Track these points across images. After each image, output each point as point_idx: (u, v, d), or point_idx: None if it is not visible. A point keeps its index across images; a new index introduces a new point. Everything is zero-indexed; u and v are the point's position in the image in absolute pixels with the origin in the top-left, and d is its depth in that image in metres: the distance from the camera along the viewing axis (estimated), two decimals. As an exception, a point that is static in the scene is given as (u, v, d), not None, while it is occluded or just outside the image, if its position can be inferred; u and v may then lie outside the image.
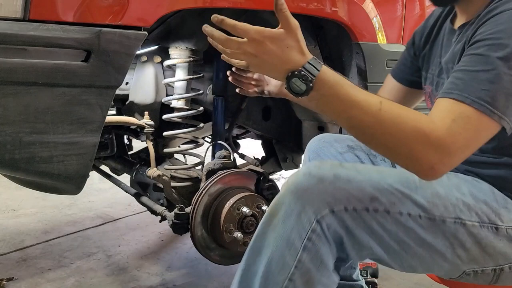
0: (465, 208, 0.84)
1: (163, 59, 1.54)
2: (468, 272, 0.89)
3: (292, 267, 0.81)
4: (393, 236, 0.83)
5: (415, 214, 0.83)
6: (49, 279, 1.75)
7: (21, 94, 0.95)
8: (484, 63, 0.77)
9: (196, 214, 1.35)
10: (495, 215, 0.86)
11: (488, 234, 0.85)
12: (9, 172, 1.09)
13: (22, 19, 0.93)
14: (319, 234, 0.80)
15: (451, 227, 0.83)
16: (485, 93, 0.75)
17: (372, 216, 0.81)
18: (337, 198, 0.80)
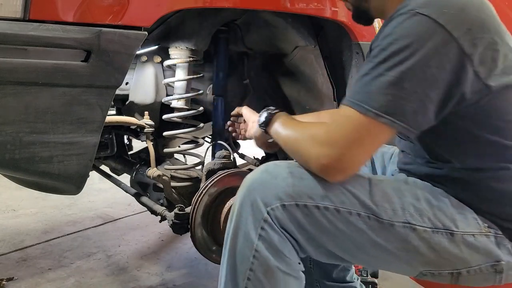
0: (416, 213, 0.86)
1: (163, 59, 1.54)
2: (424, 273, 0.90)
3: (251, 257, 0.85)
4: (345, 235, 0.85)
5: (364, 215, 0.85)
6: (49, 279, 1.75)
7: (21, 94, 0.95)
8: (367, 68, 0.83)
9: (196, 214, 1.35)
10: (450, 221, 0.87)
11: (442, 240, 0.86)
12: (9, 172, 1.09)
13: (22, 19, 0.93)
14: (271, 224, 0.84)
15: (400, 231, 0.85)
16: (362, 94, 0.82)
17: (322, 214, 0.84)
18: (288, 193, 0.83)
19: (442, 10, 0.80)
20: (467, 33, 0.80)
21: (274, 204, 0.84)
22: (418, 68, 0.79)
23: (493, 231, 0.89)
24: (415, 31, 0.80)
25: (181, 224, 1.38)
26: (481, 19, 0.83)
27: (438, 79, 0.80)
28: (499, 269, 0.89)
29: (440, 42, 0.79)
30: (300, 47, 1.65)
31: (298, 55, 1.68)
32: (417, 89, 0.80)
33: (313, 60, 1.65)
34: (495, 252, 0.88)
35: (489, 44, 0.82)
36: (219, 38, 1.56)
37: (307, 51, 1.66)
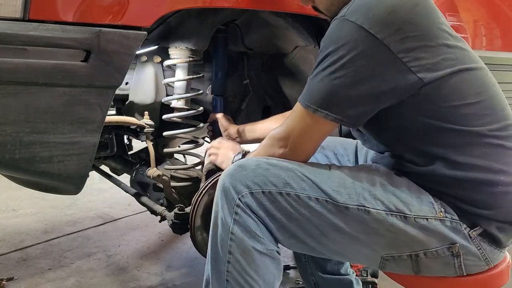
0: (370, 197, 0.93)
1: (163, 59, 1.54)
2: (386, 258, 0.96)
3: (228, 241, 0.95)
4: (308, 219, 0.94)
5: (322, 199, 0.93)
6: (49, 279, 1.75)
7: (21, 94, 0.95)
8: (312, 69, 0.95)
9: (196, 214, 1.35)
10: (403, 205, 0.93)
11: (397, 222, 0.92)
12: (9, 172, 1.09)
13: (22, 19, 0.93)
14: (243, 208, 0.94)
15: (355, 214, 0.92)
16: (305, 92, 0.95)
17: (285, 199, 0.93)
18: (255, 182, 0.94)
19: (368, 16, 0.88)
20: (394, 34, 0.87)
21: (244, 191, 0.94)
22: (347, 69, 0.88)
23: (450, 216, 0.94)
24: (343, 36, 0.89)
25: (181, 224, 1.38)
26: (411, 19, 0.88)
27: (368, 78, 0.89)
28: (455, 251, 0.93)
29: (366, 46, 0.87)
30: (300, 47, 1.65)
31: (298, 55, 1.68)
32: (348, 87, 0.90)
33: (313, 60, 1.65)
34: (449, 235, 0.93)
35: (420, 41, 0.88)
36: (218, 37, 1.56)
37: (307, 51, 1.66)
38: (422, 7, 0.91)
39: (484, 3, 1.94)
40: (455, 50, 0.93)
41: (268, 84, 1.84)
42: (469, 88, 0.93)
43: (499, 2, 1.99)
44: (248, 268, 0.95)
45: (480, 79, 0.95)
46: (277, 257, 0.98)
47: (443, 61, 0.90)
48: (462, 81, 0.92)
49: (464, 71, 0.93)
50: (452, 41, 0.93)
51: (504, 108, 0.97)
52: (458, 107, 0.92)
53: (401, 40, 0.87)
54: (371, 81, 0.89)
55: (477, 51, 1.89)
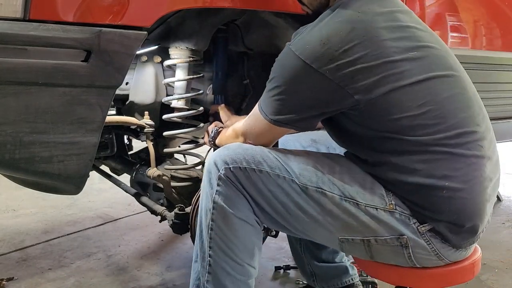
0: (328, 182, 1.02)
1: (163, 59, 1.54)
2: (342, 240, 1.04)
3: (211, 209, 1.04)
4: (276, 196, 1.03)
5: (288, 178, 1.03)
6: (49, 279, 1.75)
7: (21, 94, 0.95)
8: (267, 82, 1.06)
9: (196, 214, 1.35)
10: (356, 193, 1.01)
11: (350, 207, 1.00)
12: (9, 172, 1.09)
13: (22, 19, 0.93)
14: (224, 180, 1.03)
15: (314, 195, 1.01)
16: (262, 100, 1.07)
17: (258, 176, 1.03)
18: (234, 159, 1.04)
19: (305, 47, 0.96)
20: (329, 63, 0.94)
21: (224, 166, 1.04)
22: (290, 94, 1.00)
23: (400, 209, 1.00)
24: (285, 65, 1.00)
25: (181, 224, 1.38)
26: (344, 46, 0.94)
27: (308, 102, 1.00)
28: (404, 242, 1.00)
29: (304, 74, 0.97)
30: (300, 47, 1.65)
31: (298, 55, 1.68)
32: (293, 108, 1.01)
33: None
34: (397, 227, 0.99)
35: (355, 65, 0.94)
36: (218, 37, 1.56)
37: (307, 51, 1.65)
38: (359, 30, 0.95)
39: (484, 3, 1.94)
40: (403, 63, 0.96)
41: (268, 84, 1.83)
42: (410, 101, 0.96)
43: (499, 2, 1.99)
44: (229, 234, 1.04)
45: (427, 89, 0.97)
46: (256, 226, 1.07)
47: (384, 78, 0.95)
48: (403, 95, 0.96)
49: (407, 86, 0.96)
50: (401, 55, 0.96)
51: (457, 115, 0.99)
52: (399, 119, 0.96)
53: (335, 68, 0.94)
54: (311, 105, 1.01)
55: (477, 51, 1.90)
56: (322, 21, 0.99)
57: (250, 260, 1.07)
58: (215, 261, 1.05)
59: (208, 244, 1.05)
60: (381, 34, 0.96)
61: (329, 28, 0.97)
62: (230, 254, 1.05)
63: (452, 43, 1.78)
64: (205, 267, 1.07)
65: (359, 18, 0.97)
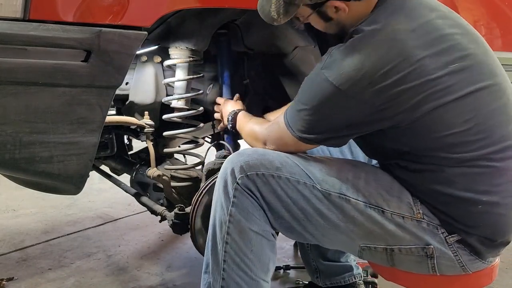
0: (352, 188, 0.99)
1: (163, 59, 1.54)
2: (363, 247, 1.02)
3: (227, 222, 1.01)
4: (295, 202, 1.00)
5: (309, 184, 1.00)
6: (49, 279, 1.75)
7: (21, 94, 0.95)
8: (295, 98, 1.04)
9: (196, 214, 1.35)
10: (382, 200, 0.98)
11: (375, 214, 0.97)
12: (9, 172, 1.09)
13: (22, 19, 0.93)
14: (241, 191, 1.01)
15: (336, 201, 0.99)
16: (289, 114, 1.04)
17: (276, 181, 1.00)
18: (251, 165, 1.01)
19: (339, 73, 0.92)
20: (367, 87, 0.90)
21: (241, 174, 1.01)
22: (322, 117, 0.97)
23: (427, 219, 0.97)
24: (318, 90, 0.96)
25: (181, 224, 1.38)
26: (383, 69, 0.90)
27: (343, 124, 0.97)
28: (430, 253, 0.97)
29: (339, 100, 0.94)
30: (300, 47, 1.65)
31: (298, 55, 1.68)
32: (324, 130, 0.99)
33: (313, 60, 1.65)
34: (424, 237, 0.97)
35: (395, 87, 0.90)
36: (221, 40, 1.56)
37: (307, 51, 1.65)
38: (395, 51, 0.90)
39: (484, 3, 1.94)
40: (445, 78, 0.91)
41: (268, 84, 1.84)
42: (455, 117, 0.92)
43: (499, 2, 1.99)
44: (245, 248, 1.01)
45: (472, 103, 0.93)
46: (272, 239, 1.05)
47: (427, 97, 0.90)
48: (448, 112, 0.91)
49: (451, 102, 0.91)
50: (441, 71, 0.91)
51: (503, 128, 0.94)
52: (443, 137, 0.92)
53: (376, 91, 0.90)
54: (346, 127, 0.97)
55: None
56: (355, 45, 0.93)
57: (265, 275, 1.05)
58: (229, 275, 1.02)
59: (223, 258, 1.02)
60: (417, 54, 0.91)
61: (364, 52, 0.91)
62: (244, 268, 1.02)
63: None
64: (218, 281, 1.04)
65: (392, 38, 0.92)
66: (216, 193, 1.05)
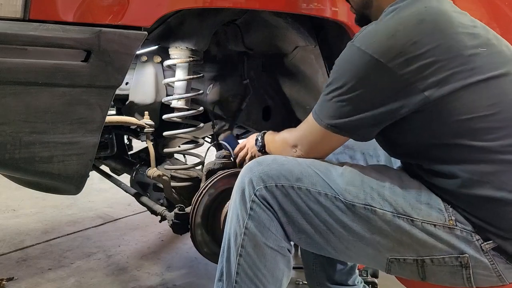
0: (378, 198, 0.94)
1: (163, 59, 1.54)
2: (391, 260, 0.96)
3: (242, 235, 0.98)
4: (317, 214, 0.96)
5: (331, 195, 0.96)
6: (49, 279, 1.75)
7: (21, 94, 0.95)
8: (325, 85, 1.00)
9: (196, 214, 1.35)
10: (411, 208, 0.93)
11: (403, 224, 0.92)
12: (9, 172, 1.09)
13: (22, 19, 0.93)
14: (258, 204, 0.97)
15: (361, 212, 0.94)
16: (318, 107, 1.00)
17: (297, 193, 0.96)
18: (270, 176, 0.98)
19: (371, 41, 0.91)
20: (397, 57, 0.88)
21: (259, 185, 0.97)
22: (353, 93, 0.93)
23: (460, 225, 0.92)
24: (349, 61, 0.94)
25: (181, 224, 1.38)
26: (414, 38, 0.89)
27: (374, 101, 0.92)
28: (464, 262, 0.91)
29: (371, 70, 0.91)
30: (300, 47, 1.65)
31: (298, 55, 1.68)
32: (356, 111, 0.94)
33: (313, 60, 1.65)
34: (458, 245, 0.91)
35: (426, 59, 0.88)
36: None
37: (307, 51, 1.66)
38: (429, 22, 0.91)
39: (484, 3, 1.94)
40: (473, 58, 0.90)
41: (268, 84, 1.84)
42: (480, 100, 0.90)
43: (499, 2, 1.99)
44: (259, 263, 0.98)
45: (498, 88, 0.91)
46: (287, 255, 1.01)
47: (455, 74, 0.89)
48: (473, 93, 0.90)
49: (479, 83, 0.89)
50: (470, 50, 0.90)
51: None
52: (467, 120, 0.90)
53: (405, 62, 0.88)
54: (377, 104, 0.92)
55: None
56: (388, 16, 0.94)
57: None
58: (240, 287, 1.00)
59: (236, 270, 0.99)
60: (451, 26, 0.91)
61: (396, 20, 0.92)
62: (257, 283, 0.99)
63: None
64: None
65: (427, 11, 0.92)
66: (233, 202, 1.02)
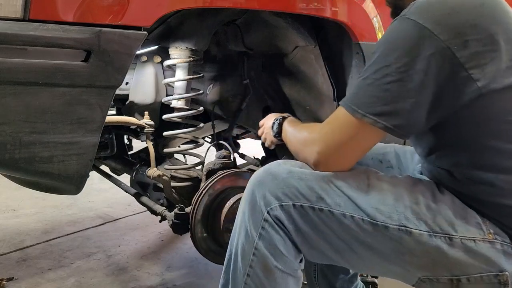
0: (413, 217, 0.85)
1: (163, 59, 1.54)
2: (423, 279, 0.88)
3: (251, 255, 0.90)
4: (339, 235, 0.87)
5: (358, 217, 0.85)
6: (49, 279, 1.75)
7: (21, 94, 0.95)
8: (362, 71, 0.87)
9: (196, 214, 1.35)
10: (448, 225, 0.85)
11: (440, 244, 0.84)
12: (9, 172, 1.09)
13: (22, 19, 0.93)
14: (271, 223, 0.88)
15: (395, 234, 0.84)
16: (353, 96, 0.86)
17: (317, 215, 0.87)
18: (286, 193, 0.87)
19: (429, 15, 0.81)
20: (456, 37, 0.80)
21: (273, 204, 0.88)
22: (403, 73, 0.81)
23: (500, 238, 0.86)
24: (402, 36, 0.83)
25: (181, 224, 1.38)
26: (474, 20, 0.81)
27: (425, 82, 0.81)
28: (503, 280, 0.84)
29: (428, 47, 0.80)
30: (300, 47, 1.65)
31: (298, 55, 1.68)
32: (401, 94, 0.82)
33: (313, 60, 1.65)
34: (498, 260, 0.84)
35: (484, 46, 0.81)
36: None
37: (307, 51, 1.66)
38: (489, 7, 0.84)
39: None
40: None
41: (268, 84, 1.84)
42: None
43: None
44: (267, 285, 0.91)
45: None
46: (298, 276, 0.94)
47: (508, 69, 0.82)
48: None
49: None
50: None
51: None
52: (507, 123, 0.84)
53: (463, 44, 0.80)
54: (428, 87, 0.81)
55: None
56: None
57: None
58: None
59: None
60: (508, 16, 0.84)
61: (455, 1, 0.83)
62: None
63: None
64: None
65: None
66: (242, 214, 0.93)
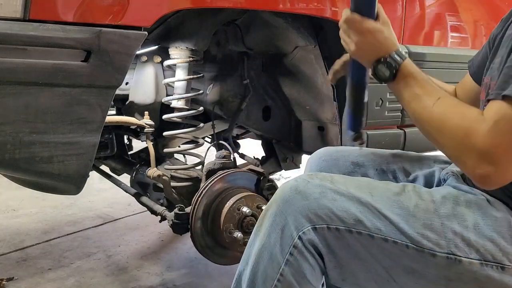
0: (463, 244, 0.77)
1: (163, 59, 1.54)
2: None
3: (275, 280, 0.80)
4: (379, 261, 0.80)
5: (401, 243, 0.78)
6: (49, 279, 1.75)
7: (21, 94, 0.95)
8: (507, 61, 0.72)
9: (196, 214, 1.35)
10: (502, 254, 0.77)
11: (492, 273, 0.77)
12: (9, 172, 1.09)
13: (22, 19, 0.93)
14: (301, 249, 0.79)
15: (441, 262, 0.77)
16: None
17: (355, 238, 0.79)
18: (319, 216, 0.79)
19: None
20: None
21: (306, 227, 0.79)
22: None
23: None
24: None
25: (181, 224, 1.38)
26: None
27: None
28: None
29: None
30: (300, 47, 1.65)
31: (298, 55, 1.68)
32: None
33: (313, 60, 1.65)
34: None
35: None
36: None
37: (307, 51, 1.66)
38: None
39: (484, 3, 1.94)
40: None
41: (268, 84, 1.84)
42: None
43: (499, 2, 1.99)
44: None
45: None
46: None
47: None
48: None
49: None
50: None
51: None
52: None
53: None
54: None
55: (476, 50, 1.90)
56: None
57: None
58: None
59: None
60: None
61: None
62: None
63: (452, 43, 1.78)
64: None
65: None
66: (264, 236, 0.82)
